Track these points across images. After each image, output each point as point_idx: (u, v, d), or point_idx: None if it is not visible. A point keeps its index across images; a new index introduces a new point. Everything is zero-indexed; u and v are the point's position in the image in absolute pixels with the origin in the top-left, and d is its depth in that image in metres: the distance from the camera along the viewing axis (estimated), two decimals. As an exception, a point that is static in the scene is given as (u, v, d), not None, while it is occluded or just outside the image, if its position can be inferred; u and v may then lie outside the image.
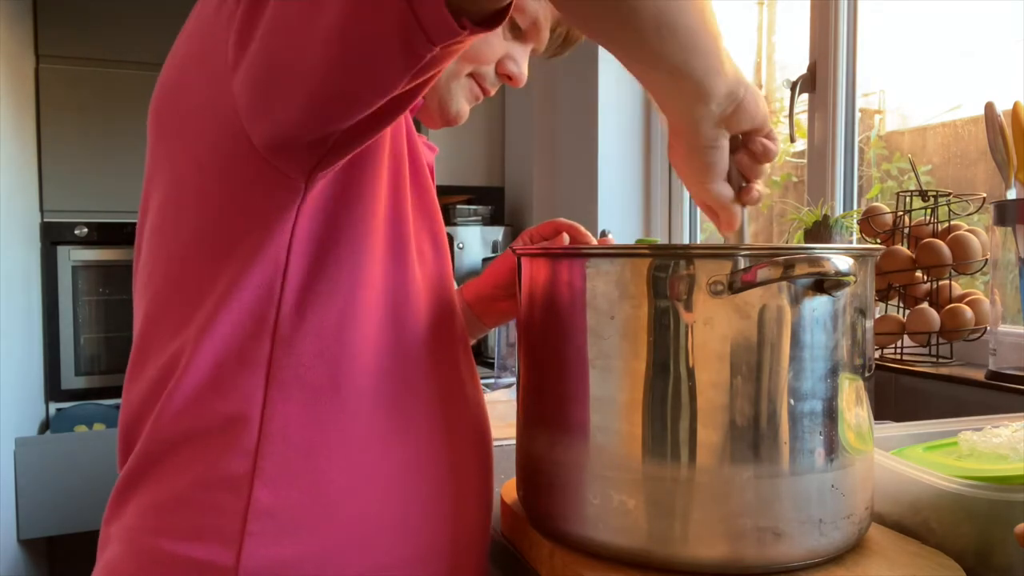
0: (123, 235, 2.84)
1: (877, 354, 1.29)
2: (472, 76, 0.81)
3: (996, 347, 1.08)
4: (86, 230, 2.80)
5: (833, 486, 0.60)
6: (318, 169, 0.59)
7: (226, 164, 0.61)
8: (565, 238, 0.87)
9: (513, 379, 1.64)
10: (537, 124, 2.46)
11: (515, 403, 0.74)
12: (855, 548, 0.64)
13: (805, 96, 1.61)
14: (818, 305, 0.59)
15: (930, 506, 0.64)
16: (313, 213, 0.62)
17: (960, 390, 1.11)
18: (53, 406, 2.80)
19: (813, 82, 1.59)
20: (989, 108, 1.09)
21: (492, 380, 1.66)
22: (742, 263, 0.57)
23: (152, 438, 0.63)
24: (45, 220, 2.77)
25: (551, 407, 0.66)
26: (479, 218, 2.53)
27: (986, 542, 0.61)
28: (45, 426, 2.79)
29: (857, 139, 1.57)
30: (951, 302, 1.22)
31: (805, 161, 1.65)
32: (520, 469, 0.73)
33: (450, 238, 2.38)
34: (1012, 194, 1.06)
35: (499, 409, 1.26)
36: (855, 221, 1.41)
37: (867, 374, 0.64)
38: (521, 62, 0.83)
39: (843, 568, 0.61)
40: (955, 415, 1.00)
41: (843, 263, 0.57)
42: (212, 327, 0.61)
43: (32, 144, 2.73)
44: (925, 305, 1.25)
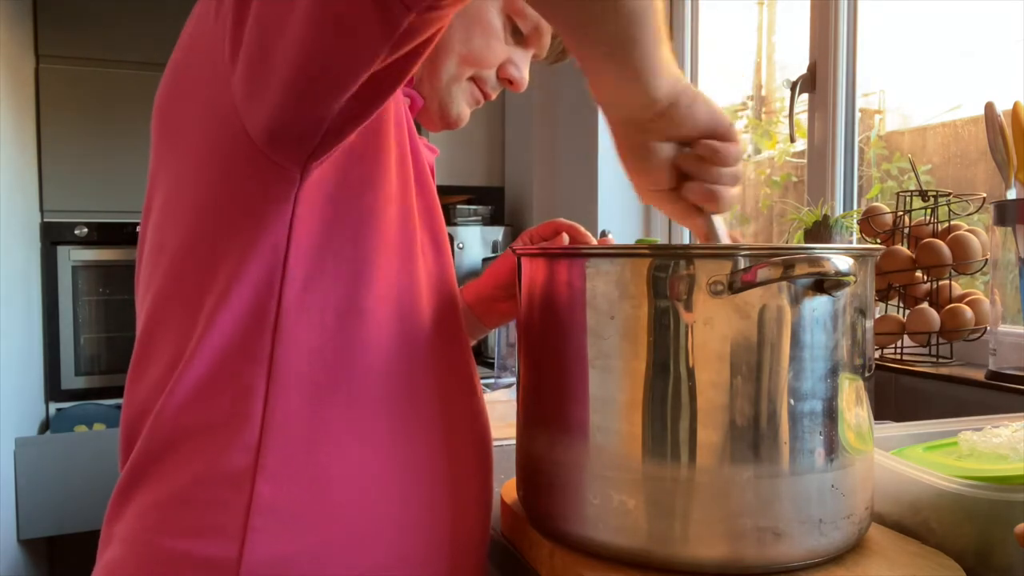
0: (123, 235, 2.84)
1: (877, 354, 1.29)
2: (473, 80, 0.82)
3: (996, 347, 1.08)
4: (86, 230, 2.80)
5: (833, 486, 0.60)
6: (313, 158, 0.60)
7: (225, 161, 0.61)
8: (565, 238, 0.87)
9: (513, 379, 1.64)
10: (537, 124, 2.46)
11: (515, 403, 0.74)
12: (855, 548, 0.64)
13: (805, 96, 1.61)
14: (818, 305, 0.59)
15: (930, 506, 0.64)
16: (311, 209, 0.62)
17: (960, 390, 1.11)
18: (53, 406, 2.80)
19: (813, 82, 1.59)
20: (989, 108, 1.09)
21: (492, 380, 1.66)
22: (742, 263, 0.57)
23: (153, 436, 0.63)
24: (45, 220, 2.77)
25: (551, 407, 0.66)
26: (479, 218, 2.53)
27: (986, 542, 0.61)
28: (45, 426, 2.79)
29: (857, 139, 1.57)
30: (951, 302, 1.22)
31: (805, 161, 1.65)
32: (520, 469, 0.73)
33: (450, 238, 2.37)
34: (1012, 194, 1.06)
35: (499, 409, 1.26)
36: (855, 221, 1.41)
37: (867, 374, 0.64)
38: (522, 67, 0.83)
39: (843, 568, 0.61)
40: (955, 415, 1.00)
41: (843, 263, 0.57)
42: (213, 323, 0.61)
43: (32, 144, 2.73)
44: (925, 305, 1.25)
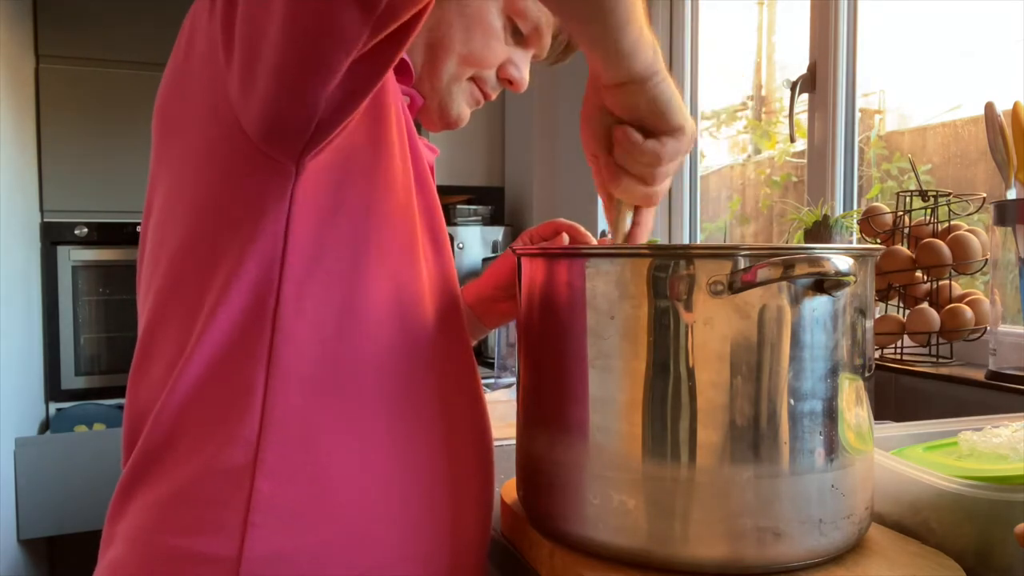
0: (123, 235, 2.84)
1: (877, 354, 1.29)
2: (473, 80, 0.82)
3: (996, 347, 1.08)
4: (86, 230, 2.80)
5: (833, 486, 0.60)
6: (307, 151, 0.60)
7: (223, 159, 0.61)
8: (565, 238, 0.87)
9: (513, 379, 1.64)
10: (537, 124, 2.46)
11: (515, 403, 0.74)
12: (855, 548, 0.64)
13: (805, 96, 1.61)
14: (818, 305, 0.59)
15: (930, 506, 0.64)
16: (309, 205, 0.62)
17: (960, 390, 1.11)
18: (53, 406, 2.80)
19: (813, 82, 1.59)
20: (989, 108, 1.09)
21: (492, 380, 1.66)
22: (742, 263, 0.57)
23: (154, 434, 0.63)
24: (45, 220, 2.77)
25: (551, 407, 0.66)
26: (479, 218, 2.53)
27: (986, 542, 0.61)
28: (45, 426, 2.79)
29: (857, 139, 1.57)
30: (951, 302, 1.22)
31: (805, 161, 1.65)
32: (520, 469, 0.73)
33: (450, 238, 2.37)
34: (1012, 194, 1.06)
35: (499, 409, 1.26)
36: (855, 221, 1.41)
37: (867, 374, 0.64)
38: (522, 67, 0.83)
39: (843, 568, 0.61)
40: (955, 415, 1.00)
41: (843, 263, 0.57)
42: (213, 321, 0.61)
43: (32, 144, 2.73)
44: (925, 305, 1.25)
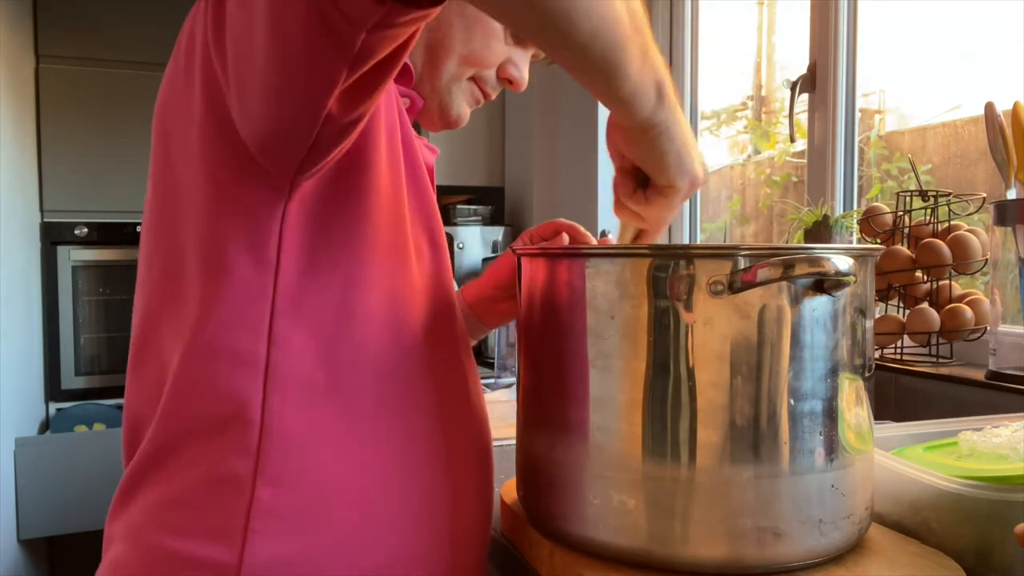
0: (123, 235, 2.84)
1: (877, 354, 1.29)
2: (473, 80, 0.82)
3: (996, 347, 1.08)
4: (86, 230, 2.80)
5: (833, 486, 0.60)
6: (301, 172, 0.59)
7: (216, 163, 0.61)
8: (565, 238, 0.87)
9: (513, 379, 1.64)
10: (537, 124, 2.46)
11: (515, 403, 0.74)
12: (855, 548, 0.64)
13: (805, 96, 1.61)
14: (818, 305, 0.59)
15: (930, 506, 0.64)
16: (302, 214, 0.62)
17: (960, 390, 1.11)
18: (53, 406, 2.80)
19: (813, 82, 1.59)
20: (989, 108, 1.09)
21: (492, 380, 1.66)
22: (742, 263, 0.57)
23: (155, 438, 0.63)
24: (45, 220, 2.77)
25: (551, 407, 0.66)
26: (479, 218, 2.53)
27: (986, 542, 0.61)
28: (45, 426, 2.79)
29: (857, 139, 1.57)
30: (951, 302, 1.22)
31: (805, 161, 1.65)
32: (520, 469, 0.73)
33: (450, 238, 2.38)
34: (1012, 194, 1.06)
35: (499, 409, 1.26)
36: (855, 221, 1.41)
37: (867, 374, 0.64)
38: (522, 66, 0.83)
39: (843, 568, 0.61)
40: (955, 415, 1.00)
41: (843, 263, 0.57)
42: (206, 326, 0.61)
43: (32, 144, 2.73)
44: (925, 305, 1.25)
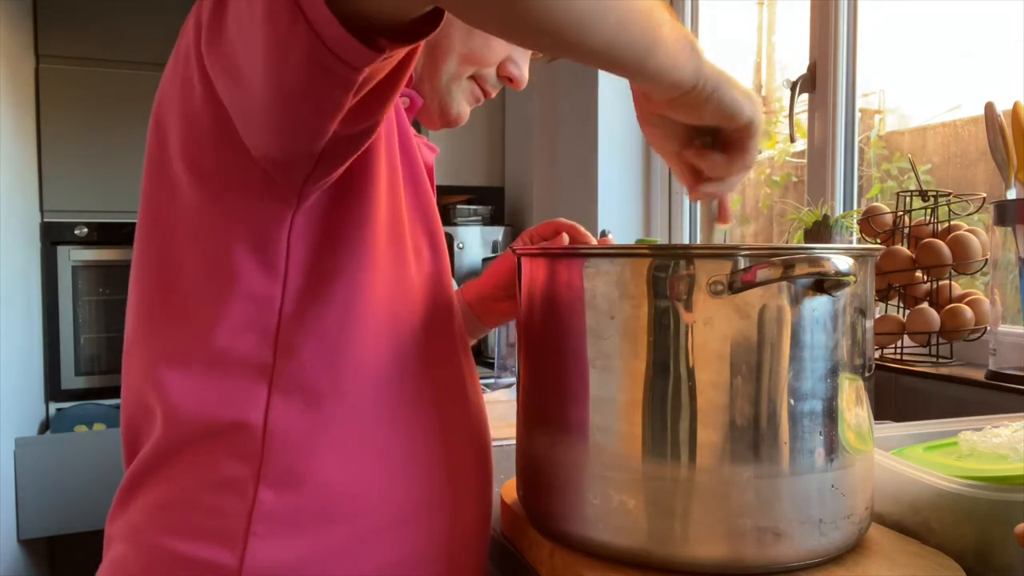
0: (123, 235, 2.84)
1: (877, 354, 1.29)
2: (473, 78, 0.82)
3: (996, 347, 1.08)
4: (86, 230, 2.80)
5: (833, 486, 0.60)
6: (308, 184, 0.59)
7: (225, 171, 0.61)
8: (565, 238, 0.87)
9: (513, 379, 1.64)
10: (537, 124, 2.46)
11: (515, 403, 0.74)
12: (855, 548, 0.64)
13: (805, 96, 1.61)
14: (818, 305, 0.59)
15: (930, 506, 0.64)
16: (309, 222, 0.62)
17: (960, 390, 1.11)
18: (53, 406, 2.80)
19: (813, 82, 1.59)
20: (989, 108, 1.09)
21: (492, 380, 1.66)
22: (742, 263, 0.57)
23: (157, 440, 0.63)
24: (45, 220, 2.77)
25: (551, 407, 0.66)
26: (479, 218, 2.53)
27: (986, 542, 0.61)
28: (45, 426, 2.79)
29: (857, 139, 1.57)
30: (951, 302, 1.22)
31: (805, 161, 1.65)
32: (520, 469, 0.73)
33: (450, 238, 2.38)
34: (1012, 194, 1.06)
35: (499, 409, 1.26)
36: (855, 221, 1.41)
37: (867, 374, 0.64)
38: (522, 65, 0.83)
39: (843, 568, 0.61)
40: (955, 415, 1.00)
41: (843, 263, 0.57)
42: (212, 333, 0.61)
43: (32, 144, 2.73)
44: (925, 305, 1.25)
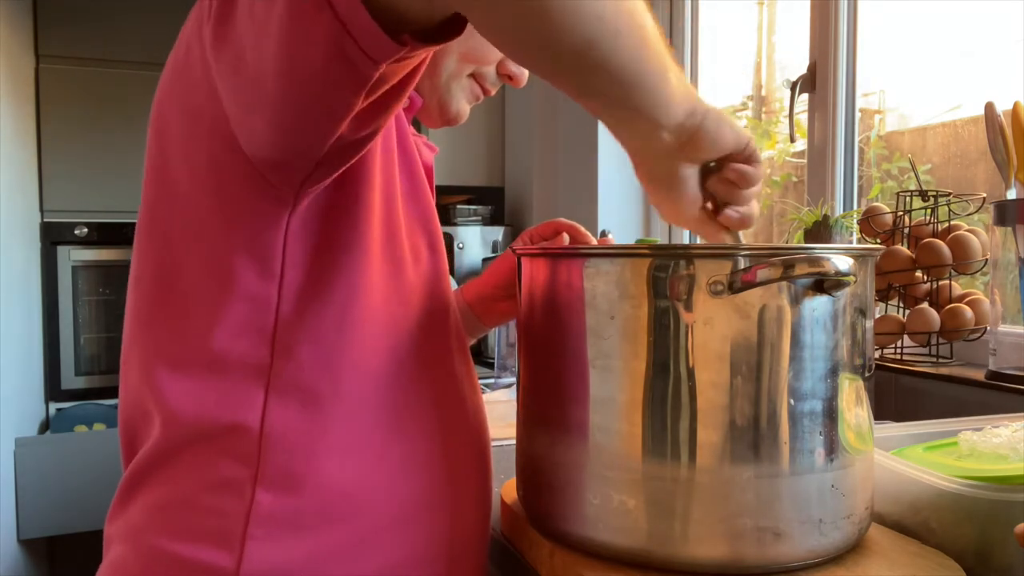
0: (123, 235, 2.84)
1: (877, 354, 1.29)
2: (473, 76, 0.81)
3: (996, 347, 1.08)
4: (86, 230, 2.80)
5: (833, 486, 0.60)
6: (306, 185, 0.59)
7: (219, 171, 0.61)
8: (565, 238, 0.87)
9: (513, 379, 1.64)
10: (537, 124, 2.46)
11: (515, 403, 0.74)
12: (855, 548, 0.64)
13: (805, 96, 1.61)
14: (818, 305, 0.59)
15: (930, 506, 0.64)
16: (306, 223, 0.62)
17: (960, 390, 1.11)
18: (53, 406, 2.80)
19: (813, 82, 1.59)
20: (989, 108, 1.09)
21: (492, 380, 1.66)
22: (742, 263, 0.57)
23: (155, 441, 0.63)
24: (45, 220, 2.77)
25: (551, 407, 0.66)
26: (479, 218, 2.53)
27: (986, 542, 0.61)
28: (45, 426, 2.79)
29: (857, 139, 1.57)
30: (951, 302, 1.22)
31: (805, 161, 1.65)
32: (520, 469, 0.73)
33: (450, 238, 2.38)
34: (1012, 194, 1.06)
35: (499, 409, 1.26)
36: (855, 221, 1.41)
37: (867, 374, 0.64)
38: None
39: (843, 568, 0.61)
40: (955, 415, 1.00)
41: (843, 263, 0.57)
42: (209, 334, 0.61)
43: (32, 144, 2.73)
44: (925, 305, 1.25)
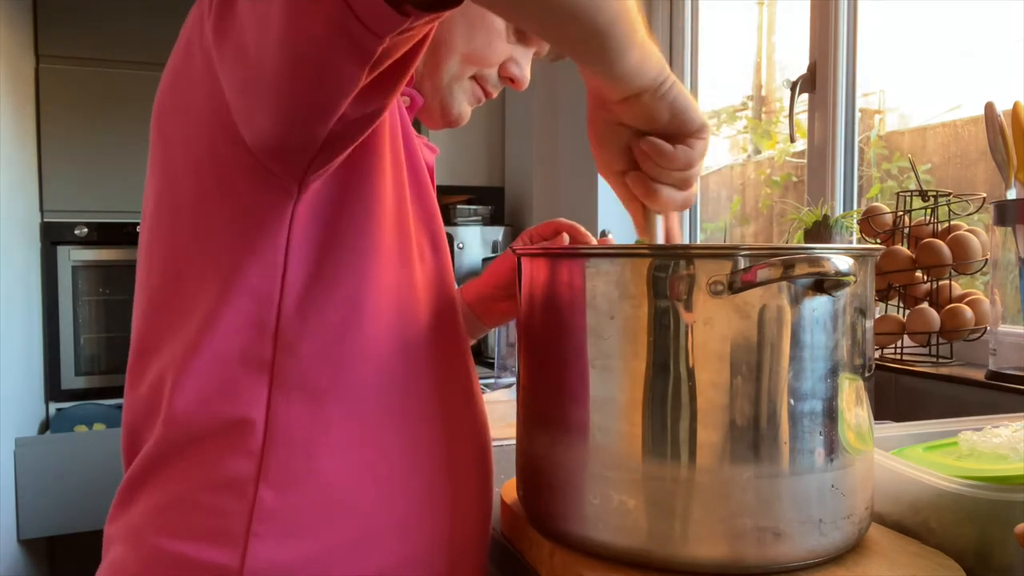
0: (123, 235, 2.83)
1: (877, 354, 1.29)
2: (475, 78, 0.82)
3: (996, 347, 1.08)
4: (86, 230, 2.80)
5: (833, 486, 0.60)
6: (310, 172, 0.59)
7: (221, 166, 0.61)
8: (565, 238, 0.87)
9: (513, 379, 1.64)
10: (537, 124, 2.46)
11: (515, 403, 0.74)
12: (855, 548, 0.64)
13: (805, 96, 1.61)
14: (818, 305, 0.59)
15: (930, 506, 0.64)
16: (310, 216, 0.62)
17: (960, 390, 1.11)
18: (53, 406, 2.80)
19: (813, 82, 1.59)
20: (989, 108, 1.09)
21: (492, 380, 1.66)
22: (742, 263, 0.57)
23: (157, 441, 0.63)
24: (45, 220, 2.77)
25: (551, 407, 0.66)
26: (479, 218, 2.53)
27: (986, 542, 0.61)
28: (45, 426, 2.79)
29: (857, 139, 1.57)
30: (951, 302, 1.22)
31: (805, 161, 1.65)
32: (520, 469, 0.73)
33: (450, 238, 2.38)
34: (1012, 194, 1.06)
35: (499, 409, 1.26)
36: (855, 221, 1.41)
37: (867, 374, 0.64)
38: (524, 65, 0.83)
39: (843, 568, 0.61)
40: (955, 415, 1.00)
41: (843, 263, 0.57)
42: (212, 330, 0.61)
43: (32, 144, 2.73)
44: (925, 305, 1.25)
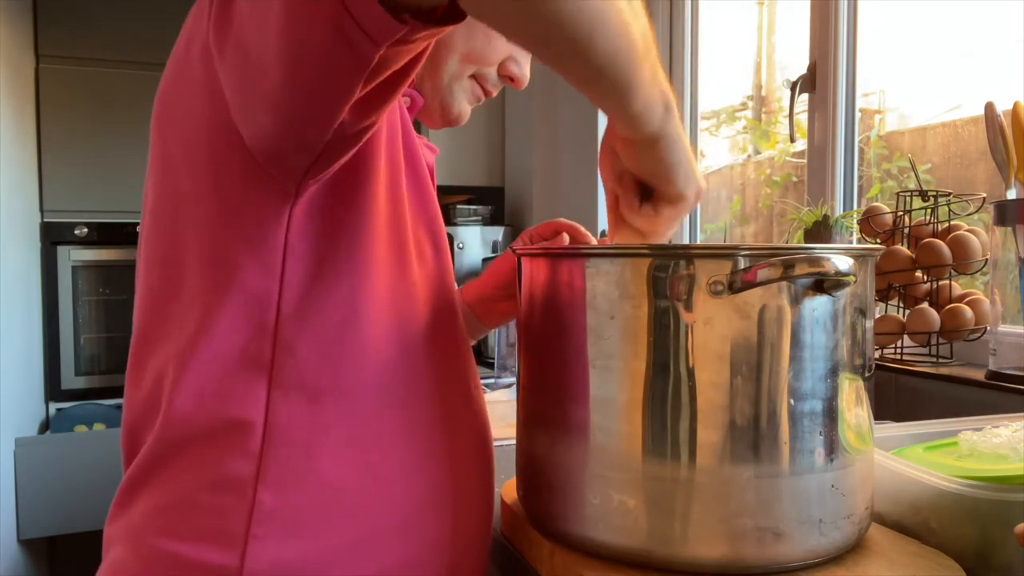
0: (123, 235, 2.83)
1: (877, 354, 1.29)
2: (474, 77, 0.82)
3: (996, 347, 1.08)
4: (86, 230, 2.80)
5: (833, 486, 0.60)
6: (309, 176, 0.59)
7: (220, 166, 0.61)
8: (565, 238, 0.87)
9: (513, 379, 1.64)
10: (537, 124, 2.46)
11: (515, 403, 0.74)
12: (855, 548, 0.64)
13: (805, 96, 1.61)
14: (818, 305, 0.59)
15: (930, 506, 0.64)
16: (309, 218, 0.62)
17: (960, 390, 1.11)
18: (53, 406, 2.80)
19: (813, 82, 1.59)
20: (989, 108, 1.09)
21: (492, 380, 1.66)
22: (742, 263, 0.57)
23: (156, 441, 0.63)
24: (45, 220, 2.77)
25: (551, 407, 0.66)
26: (479, 218, 2.53)
27: (986, 542, 0.61)
28: (45, 426, 2.79)
29: (857, 139, 1.57)
30: (951, 302, 1.22)
31: (805, 161, 1.65)
32: (520, 469, 0.73)
33: (450, 238, 2.38)
34: (1012, 194, 1.06)
35: (499, 409, 1.26)
36: (855, 221, 1.41)
37: (867, 374, 0.64)
38: (523, 64, 0.83)
39: (843, 568, 0.61)
40: (955, 415, 1.00)
41: (843, 263, 0.57)
42: (211, 330, 0.61)
43: (32, 144, 2.73)
44: (925, 305, 1.25)
